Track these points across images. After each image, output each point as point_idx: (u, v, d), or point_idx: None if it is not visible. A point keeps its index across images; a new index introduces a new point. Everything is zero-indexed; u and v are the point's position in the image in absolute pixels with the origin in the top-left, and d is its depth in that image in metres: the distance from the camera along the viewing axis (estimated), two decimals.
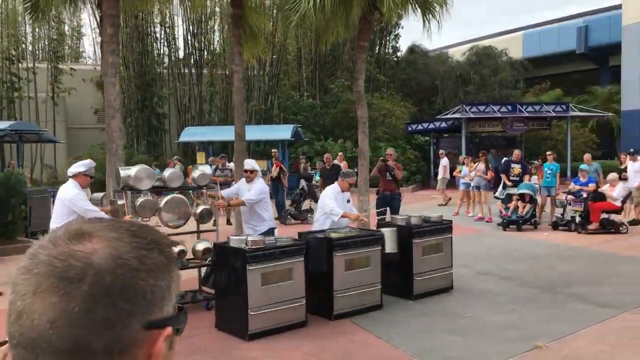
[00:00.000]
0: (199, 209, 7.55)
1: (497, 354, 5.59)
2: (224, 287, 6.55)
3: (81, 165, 6.86)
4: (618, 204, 12.60)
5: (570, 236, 12.45)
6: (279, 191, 17.17)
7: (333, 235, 6.95)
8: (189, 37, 26.98)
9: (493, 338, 6.04)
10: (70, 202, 6.58)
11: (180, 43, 27.83)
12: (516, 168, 14.33)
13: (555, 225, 13.33)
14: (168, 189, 7.26)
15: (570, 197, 13.32)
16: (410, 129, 26.66)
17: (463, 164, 16.79)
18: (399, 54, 35.35)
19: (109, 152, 7.74)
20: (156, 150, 25.65)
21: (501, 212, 13.80)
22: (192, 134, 23.52)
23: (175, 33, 27.23)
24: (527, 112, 23.48)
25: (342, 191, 7.86)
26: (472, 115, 23.01)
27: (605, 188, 12.91)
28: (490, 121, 24.02)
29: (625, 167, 14.74)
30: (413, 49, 36.41)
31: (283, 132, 22.54)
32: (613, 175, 13.03)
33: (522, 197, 13.53)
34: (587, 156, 15.11)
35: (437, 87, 34.58)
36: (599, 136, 31.10)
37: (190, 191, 9.46)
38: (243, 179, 7.84)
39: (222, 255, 6.59)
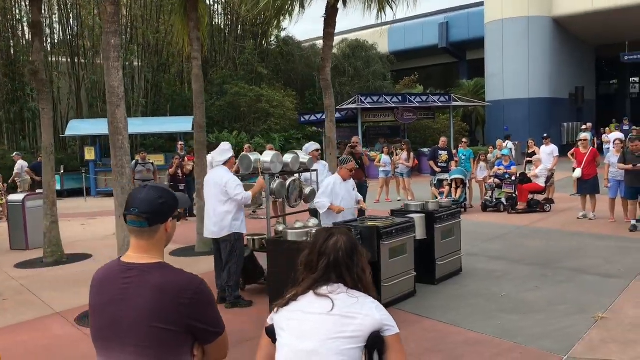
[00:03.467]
0: (307, 190, 8.24)
1: (572, 328, 5.84)
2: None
3: (227, 152, 7.07)
4: (542, 183, 13.70)
5: (503, 216, 13.32)
6: (191, 186, 16.51)
7: (379, 223, 6.81)
8: (64, 22, 24.71)
9: (551, 314, 6.31)
10: (226, 186, 6.79)
11: (56, 28, 25.40)
12: (443, 155, 15.02)
13: (484, 207, 14.19)
14: (292, 173, 7.98)
15: (496, 180, 14.27)
16: (303, 119, 26.76)
17: (382, 152, 17.28)
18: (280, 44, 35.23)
19: (113, 146, 6.85)
20: (32, 147, 23.21)
21: (437, 197, 14.37)
22: (78, 128, 21.63)
23: (50, 17, 24.70)
24: (416, 102, 24.62)
25: (344, 179, 7.64)
26: (368, 106, 23.66)
27: (532, 171, 13.99)
28: (383, 111, 24.86)
29: (532, 152, 16.05)
30: (287, 41, 36.60)
31: (183, 124, 21.51)
32: (537, 157, 14.18)
33: (454, 181, 14.23)
34: (499, 142, 16.25)
35: (314, 78, 35.08)
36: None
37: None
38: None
39: (277, 251, 6.18)
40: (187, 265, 9.59)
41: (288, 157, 7.87)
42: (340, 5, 10.64)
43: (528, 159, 15.47)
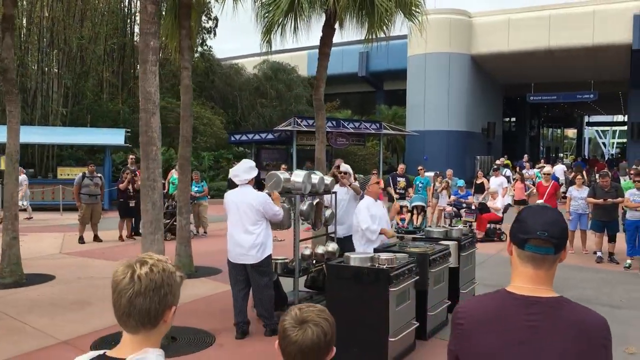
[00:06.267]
0: (327, 213, 7.81)
1: None
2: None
3: (253, 169, 6.57)
4: (500, 214, 14.16)
5: None
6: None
7: (423, 250, 6.62)
8: None
9: None
10: (263, 206, 6.37)
11: None
12: (401, 181, 15.17)
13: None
14: (319, 194, 7.50)
15: (454, 208, 14.57)
16: (233, 138, 26.15)
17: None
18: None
19: (145, 157, 6.15)
20: None
21: (398, 224, 14.43)
22: None
23: None
24: (350, 128, 24.83)
25: (375, 199, 7.47)
26: (304, 129, 23.52)
27: (489, 202, 14.41)
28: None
29: (480, 183, 16.58)
30: (207, 57, 35.82)
31: (115, 136, 20.19)
32: (494, 188, 14.63)
33: (415, 208, 14.37)
34: (449, 171, 16.63)
35: (235, 97, 34.55)
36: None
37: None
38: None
39: (341, 277, 5.80)
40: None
41: (315, 178, 7.53)
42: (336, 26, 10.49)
43: (488, 192, 15.94)
